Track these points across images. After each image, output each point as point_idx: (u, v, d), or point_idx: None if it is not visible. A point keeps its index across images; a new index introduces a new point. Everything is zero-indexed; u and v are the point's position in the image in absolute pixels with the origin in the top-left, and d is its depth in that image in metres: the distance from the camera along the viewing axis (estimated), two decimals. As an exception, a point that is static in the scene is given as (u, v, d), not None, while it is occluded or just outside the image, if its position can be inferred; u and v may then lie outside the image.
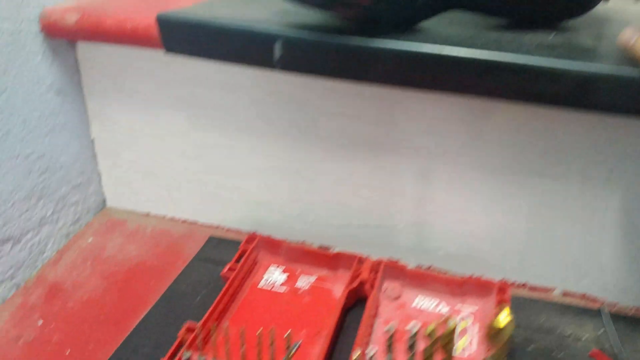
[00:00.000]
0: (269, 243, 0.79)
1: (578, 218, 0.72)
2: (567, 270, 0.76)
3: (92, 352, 0.68)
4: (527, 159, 0.70)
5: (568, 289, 0.77)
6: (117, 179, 0.93)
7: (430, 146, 0.73)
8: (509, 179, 0.73)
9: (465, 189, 0.75)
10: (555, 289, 0.77)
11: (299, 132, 0.79)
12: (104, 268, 0.82)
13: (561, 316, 0.72)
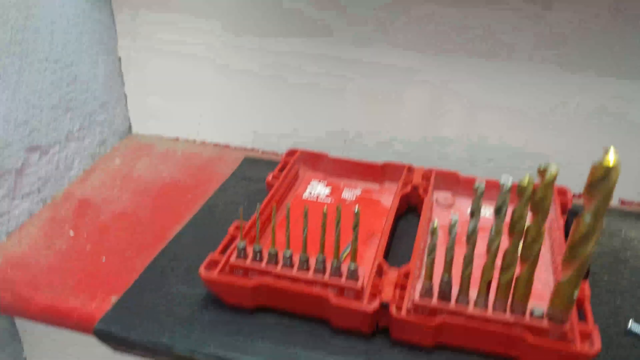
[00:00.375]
0: (310, 156, 0.75)
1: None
2: (623, 179, 0.73)
3: (129, 258, 0.64)
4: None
5: (625, 197, 0.74)
6: (144, 102, 0.89)
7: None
8: (568, 88, 0.70)
9: (517, 100, 0.72)
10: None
11: (340, 48, 0.75)
12: (134, 185, 0.77)
13: (622, 221, 0.69)
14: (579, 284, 0.45)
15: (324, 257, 0.54)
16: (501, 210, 0.45)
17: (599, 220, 0.42)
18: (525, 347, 0.48)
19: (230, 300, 0.56)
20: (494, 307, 0.49)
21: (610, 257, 0.63)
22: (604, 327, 0.53)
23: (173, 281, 0.59)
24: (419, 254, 0.57)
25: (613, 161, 0.40)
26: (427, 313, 0.50)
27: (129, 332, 0.53)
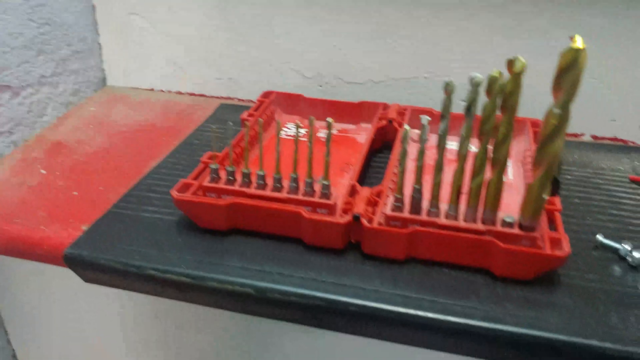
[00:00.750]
0: (285, 98, 0.75)
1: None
2: (595, 117, 0.74)
3: (101, 192, 0.63)
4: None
5: (596, 134, 0.75)
6: (119, 53, 0.88)
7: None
8: (536, 22, 0.71)
9: (490, 36, 0.72)
10: (585, 135, 0.75)
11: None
12: (109, 129, 0.77)
13: (594, 154, 0.70)
14: (549, 184, 0.46)
15: (297, 175, 0.54)
16: (471, 108, 0.45)
17: (567, 111, 0.42)
18: (496, 256, 0.48)
19: (203, 223, 0.55)
20: (465, 217, 0.50)
21: (582, 184, 0.63)
22: (575, 241, 0.53)
23: (147, 209, 0.59)
24: (392, 176, 0.58)
25: (581, 44, 0.40)
26: (398, 225, 0.51)
27: (100, 254, 0.53)
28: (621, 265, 0.51)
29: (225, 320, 0.60)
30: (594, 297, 0.47)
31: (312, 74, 0.81)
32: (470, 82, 0.44)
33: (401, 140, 0.48)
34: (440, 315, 0.45)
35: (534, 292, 0.48)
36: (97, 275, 0.54)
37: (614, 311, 0.46)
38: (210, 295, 0.50)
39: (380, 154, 0.69)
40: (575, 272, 0.50)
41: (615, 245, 0.52)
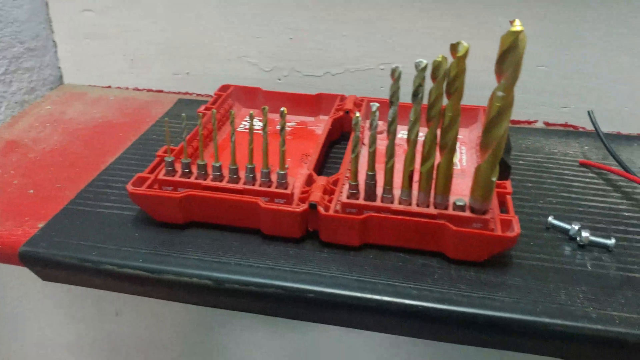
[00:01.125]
0: (243, 91, 0.75)
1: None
2: (546, 104, 0.76)
3: (58, 190, 0.62)
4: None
5: (548, 120, 0.77)
6: (75, 50, 0.87)
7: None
8: (485, 12, 0.72)
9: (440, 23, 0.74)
10: (537, 121, 0.77)
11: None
12: (66, 127, 0.76)
13: (546, 140, 0.72)
14: (497, 166, 0.47)
15: (253, 166, 0.54)
16: (417, 93, 0.46)
17: (511, 93, 0.43)
18: (449, 239, 0.49)
19: (160, 216, 0.55)
20: (418, 201, 0.51)
21: (534, 168, 0.65)
22: (527, 224, 0.55)
23: (104, 205, 0.59)
24: (348, 165, 0.58)
25: (520, 26, 0.41)
26: (354, 212, 0.51)
27: (56, 251, 0.52)
28: (571, 245, 0.53)
29: (186, 314, 0.60)
30: (545, 276, 0.49)
31: (270, 67, 0.81)
32: (416, 68, 0.45)
33: (353, 128, 0.49)
34: (395, 298, 0.46)
35: (486, 273, 0.49)
36: (55, 273, 0.53)
37: (563, 289, 0.47)
38: (169, 289, 0.50)
39: (338, 145, 0.70)
40: (527, 253, 0.51)
41: (565, 226, 0.54)
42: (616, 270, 0.50)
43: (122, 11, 0.82)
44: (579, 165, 0.66)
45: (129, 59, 0.85)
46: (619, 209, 0.58)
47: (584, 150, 0.69)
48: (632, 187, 0.61)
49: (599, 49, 0.71)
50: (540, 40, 0.71)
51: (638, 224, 0.56)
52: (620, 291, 0.47)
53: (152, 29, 0.82)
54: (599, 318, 0.44)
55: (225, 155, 0.56)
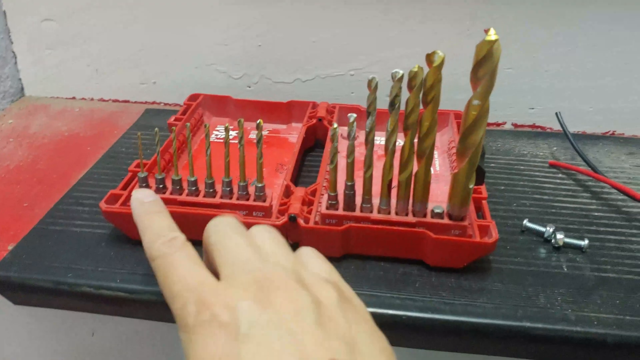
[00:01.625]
0: (213, 100, 0.74)
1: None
2: (515, 105, 0.77)
3: (27, 208, 0.61)
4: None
5: (517, 121, 0.78)
6: (36, 61, 0.84)
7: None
8: (456, 13, 0.73)
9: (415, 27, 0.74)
10: (506, 123, 0.79)
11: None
12: (30, 141, 0.74)
13: (516, 141, 0.73)
14: (473, 173, 0.47)
15: (229, 179, 0.53)
16: (394, 103, 0.46)
17: (487, 101, 0.44)
18: (429, 247, 0.50)
19: (135, 234, 0.53)
20: (397, 210, 0.51)
21: (505, 170, 0.66)
22: (503, 227, 0.56)
23: (76, 223, 0.57)
24: (325, 174, 0.58)
25: (495, 35, 0.41)
26: (334, 223, 0.51)
27: (29, 274, 0.51)
28: (546, 247, 0.54)
29: (166, 331, 0.59)
30: (523, 280, 0.50)
31: (239, 75, 0.81)
32: (392, 78, 0.45)
33: (331, 139, 0.49)
34: (379, 309, 0.46)
35: (467, 279, 0.50)
36: (28, 297, 0.51)
37: (541, 292, 0.48)
38: (148, 309, 0.49)
39: (312, 153, 0.70)
40: (504, 257, 0.52)
41: (540, 229, 0.55)
42: (590, 271, 0.51)
43: (85, 20, 0.80)
44: (548, 167, 0.67)
45: (93, 69, 0.83)
46: (589, 209, 0.60)
47: (552, 151, 0.71)
48: (601, 187, 0.63)
49: (564, 50, 0.73)
50: (507, 43, 0.72)
51: (608, 223, 0.57)
52: (596, 292, 0.49)
53: (117, 38, 0.81)
54: (578, 320, 0.45)
55: (199, 167, 0.55)
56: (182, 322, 0.31)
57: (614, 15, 0.70)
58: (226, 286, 0.32)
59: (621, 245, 0.54)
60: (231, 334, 0.29)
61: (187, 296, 0.32)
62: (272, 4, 0.75)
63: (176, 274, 0.34)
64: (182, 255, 0.35)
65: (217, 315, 0.30)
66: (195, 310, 0.31)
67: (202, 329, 0.30)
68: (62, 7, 0.79)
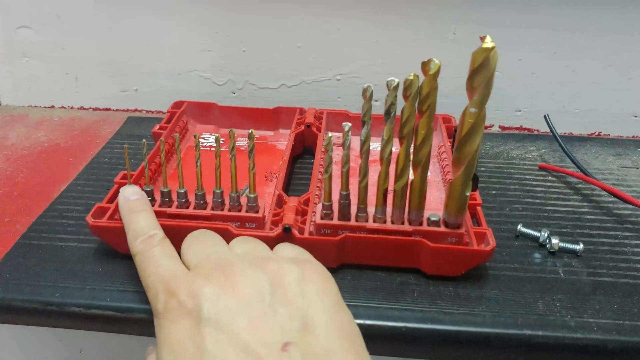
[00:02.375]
0: (198, 107, 0.73)
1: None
2: (501, 108, 0.77)
3: (8, 224, 0.58)
4: None
5: (504, 124, 0.78)
6: (11, 69, 0.82)
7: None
8: (440, 18, 0.73)
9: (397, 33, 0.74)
10: (493, 126, 0.79)
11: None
12: (9, 153, 0.71)
13: (504, 144, 0.73)
14: (470, 181, 0.47)
15: (221, 190, 0.52)
16: (390, 112, 0.45)
17: (483, 109, 0.43)
18: (426, 256, 0.49)
19: (123, 248, 0.52)
20: (392, 219, 0.50)
21: (496, 174, 0.66)
22: (497, 233, 0.55)
23: (60, 238, 0.55)
24: (317, 183, 0.57)
25: (491, 43, 0.41)
26: (329, 233, 0.50)
27: (14, 295, 0.49)
28: (541, 252, 0.54)
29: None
30: (521, 287, 0.49)
31: (223, 81, 0.79)
32: (387, 86, 0.44)
33: (325, 149, 0.48)
34: (378, 321, 0.46)
35: (464, 287, 0.49)
36: (12, 318, 0.49)
37: (540, 299, 0.48)
38: (140, 326, 0.48)
39: (301, 159, 0.69)
40: (501, 264, 0.52)
41: (534, 234, 0.55)
42: (587, 276, 0.51)
43: (63, 27, 0.78)
44: (538, 170, 0.67)
45: (72, 77, 0.81)
46: (581, 212, 0.60)
47: (541, 153, 0.71)
48: (591, 189, 0.63)
49: (549, 53, 0.73)
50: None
51: (600, 226, 0.58)
52: (594, 297, 0.48)
53: (96, 45, 0.79)
54: (578, 326, 0.45)
55: (187, 178, 0.54)
56: (154, 309, 0.35)
57: (598, 18, 0.71)
58: (193, 275, 0.35)
59: (615, 248, 0.54)
60: (194, 319, 0.31)
61: (158, 286, 0.35)
62: (257, 10, 0.74)
63: (151, 266, 0.38)
64: (158, 250, 0.39)
65: (182, 302, 0.33)
66: (165, 298, 0.34)
67: (170, 314, 0.33)
68: (39, 14, 0.77)
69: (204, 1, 0.74)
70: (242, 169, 0.52)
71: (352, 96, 0.78)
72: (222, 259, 0.36)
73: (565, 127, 0.77)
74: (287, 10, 0.74)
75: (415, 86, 0.44)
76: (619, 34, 0.71)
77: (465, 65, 0.42)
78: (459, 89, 0.43)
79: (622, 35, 0.71)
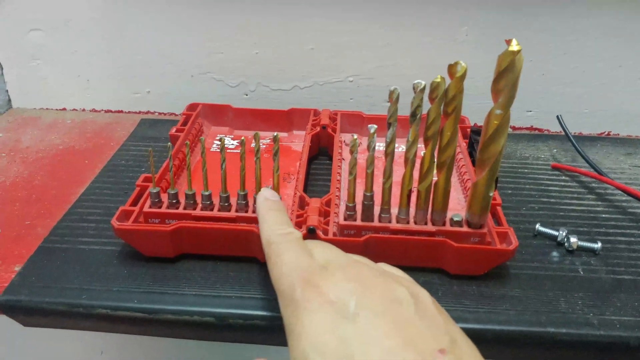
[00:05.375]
0: (212, 109, 0.73)
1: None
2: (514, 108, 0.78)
3: (30, 227, 0.59)
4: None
5: (515, 124, 0.79)
6: (23, 72, 0.82)
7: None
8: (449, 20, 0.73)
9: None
10: (505, 126, 0.79)
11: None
12: (24, 156, 0.71)
13: (516, 144, 0.74)
14: (494, 182, 0.47)
15: (245, 192, 0.52)
16: (416, 113, 0.46)
17: (508, 111, 0.44)
18: (450, 255, 0.50)
19: (148, 251, 0.53)
20: (416, 219, 0.51)
21: (511, 174, 0.67)
22: (515, 232, 0.55)
23: (83, 241, 0.55)
24: (337, 184, 0.58)
25: (517, 46, 0.42)
26: (352, 234, 0.51)
27: (41, 298, 0.49)
28: (560, 251, 0.54)
29: (176, 348, 0.58)
30: (542, 285, 0.50)
31: (236, 83, 0.80)
32: (414, 89, 0.45)
33: (351, 150, 0.49)
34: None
35: (487, 286, 0.50)
36: (39, 320, 0.50)
37: (561, 297, 0.49)
38: (168, 328, 0.48)
39: (316, 160, 0.69)
40: (521, 263, 0.53)
41: (553, 233, 0.55)
42: (606, 274, 0.52)
43: (74, 30, 0.78)
44: (551, 169, 0.68)
45: (84, 79, 0.81)
46: (596, 211, 0.60)
47: (553, 153, 0.72)
48: (604, 188, 0.64)
49: (559, 54, 0.74)
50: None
51: (616, 225, 0.58)
52: (614, 294, 0.49)
53: (108, 47, 0.79)
54: (600, 324, 0.46)
55: (209, 180, 0.54)
56: (287, 298, 0.34)
57: (608, 20, 0.71)
58: (333, 270, 0.35)
59: (632, 246, 0.55)
60: (339, 312, 0.31)
61: (293, 274, 0.35)
62: (269, 12, 0.74)
63: (287, 257, 0.37)
64: (297, 243, 0.39)
65: (324, 294, 0.32)
66: (302, 287, 0.33)
67: (308, 303, 0.32)
68: (50, 17, 0.77)
69: (216, 4, 0.74)
70: (262, 170, 0.52)
71: (364, 97, 0.79)
72: (351, 263, 0.36)
73: (575, 126, 0.78)
74: (300, 13, 0.74)
75: (441, 89, 0.45)
76: (629, 34, 0.72)
77: (476, 66, 0.43)
78: (470, 90, 0.44)
79: (632, 36, 0.72)
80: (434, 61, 0.75)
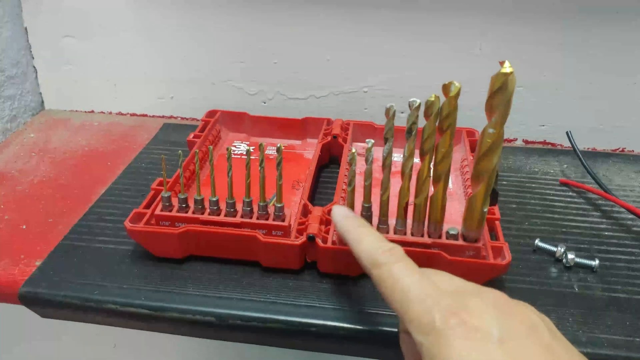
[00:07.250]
0: (230, 116, 0.76)
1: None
2: (526, 122, 0.79)
3: (52, 224, 0.62)
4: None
5: (528, 138, 0.79)
6: (55, 75, 0.86)
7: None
8: (464, 33, 0.74)
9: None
10: (517, 140, 0.80)
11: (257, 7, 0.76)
12: (52, 156, 0.76)
13: (527, 158, 0.74)
14: (488, 198, 0.49)
15: (250, 199, 0.55)
16: (411, 130, 0.47)
17: (501, 130, 0.45)
18: (444, 268, 0.50)
19: (158, 252, 0.56)
20: (412, 231, 0.53)
21: (517, 188, 0.68)
22: (515, 246, 0.57)
23: (99, 240, 0.59)
24: (341, 193, 0.60)
25: (509, 68, 0.43)
26: (351, 243, 0.53)
27: (57, 291, 0.52)
28: (557, 267, 0.55)
29: (185, 345, 0.61)
30: (535, 300, 0.51)
31: (255, 91, 0.82)
32: (409, 107, 0.47)
33: (349, 163, 0.50)
34: (394, 328, 0.48)
35: (480, 299, 0.51)
36: (55, 312, 0.53)
37: (553, 312, 0.50)
38: (171, 326, 0.51)
39: (327, 169, 0.71)
40: (517, 277, 0.54)
41: (551, 249, 0.56)
42: (601, 292, 0.52)
43: (104, 37, 0.82)
44: (559, 185, 0.68)
45: (112, 84, 0.85)
46: (599, 229, 0.61)
47: (563, 168, 0.72)
48: (610, 206, 0.64)
49: (574, 69, 0.74)
50: (517, 62, 0.73)
51: (618, 243, 0.59)
52: (607, 312, 0.50)
53: (135, 54, 0.82)
54: (588, 341, 0.47)
55: (219, 185, 0.57)
56: (424, 326, 0.33)
57: (624, 36, 0.71)
58: (467, 297, 0.34)
59: (631, 265, 0.56)
60: (485, 338, 0.31)
61: (428, 302, 0.34)
62: (289, 23, 0.77)
63: (406, 281, 0.36)
64: (408, 264, 0.38)
65: (466, 321, 0.32)
66: (441, 315, 0.33)
67: (453, 332, 0.32)
68: (82, 24, 0.81)
69: (238, 14, 0.77)
70: (270, 178, 0.55)
71: (378, 107, 0.81)
72: (483, 288, 0.36)
73: (589, 142, 0.78)
74: (318, 24, 0.76)
75: (436, 107, 0.46)
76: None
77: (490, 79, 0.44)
78: (483, 103, 0.45)
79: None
80: (449, 73, 0.76)
